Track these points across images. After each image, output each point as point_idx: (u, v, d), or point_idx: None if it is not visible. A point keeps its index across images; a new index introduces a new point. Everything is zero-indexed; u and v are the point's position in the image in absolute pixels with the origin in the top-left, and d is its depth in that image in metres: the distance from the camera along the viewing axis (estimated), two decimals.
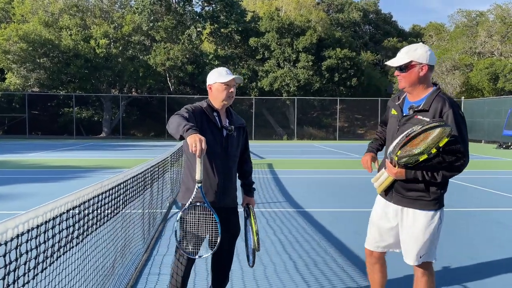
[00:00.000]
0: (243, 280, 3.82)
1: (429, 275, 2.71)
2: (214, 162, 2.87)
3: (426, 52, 2.58)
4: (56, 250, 2.17)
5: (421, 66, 2.57)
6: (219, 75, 2.92)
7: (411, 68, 2.57)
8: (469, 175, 10.95)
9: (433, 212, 2.62)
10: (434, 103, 2.54)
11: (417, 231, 2.63)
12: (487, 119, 26.62)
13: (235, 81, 2.93)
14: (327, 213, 6.64)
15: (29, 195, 7.58)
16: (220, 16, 30.91)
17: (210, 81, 2.95)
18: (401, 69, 2.60)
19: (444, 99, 2.55)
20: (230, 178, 2.99)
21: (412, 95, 2.67)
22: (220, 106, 2.95)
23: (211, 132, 2.85)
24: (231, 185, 3.01)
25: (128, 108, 32.43)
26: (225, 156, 2.92)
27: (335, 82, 30.97)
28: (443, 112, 2.51)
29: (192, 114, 2.80)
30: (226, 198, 2.96)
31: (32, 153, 16.90)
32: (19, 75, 28.53)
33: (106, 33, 28.55)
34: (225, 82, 2.88)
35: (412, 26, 46.52)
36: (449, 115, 2.49)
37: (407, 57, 2.58)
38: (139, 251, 4.28)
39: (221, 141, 2.90)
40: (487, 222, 6.12)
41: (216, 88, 2.92)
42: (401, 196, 2.67)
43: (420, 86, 2.62)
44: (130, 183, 3.73)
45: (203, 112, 2.89)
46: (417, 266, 2.70)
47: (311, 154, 18.31)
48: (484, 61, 31.13)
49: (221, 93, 2.91)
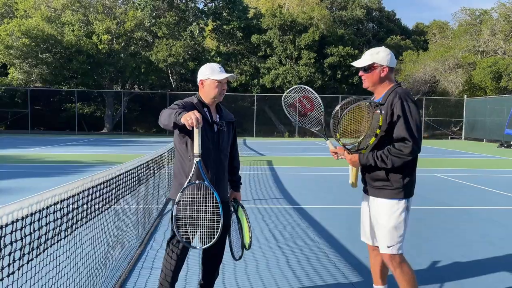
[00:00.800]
0: (235, 275, 3.85)
1: (400, 267, 2.78)
2: (207, 158, 2.89)
3: (387, 55, 2.80)
4: (42, 242, 2.20)
5: (382, 68, 2.80)
6: (213, 71, 2.93)
7: (373, 69, 2.81)
8: (470, 174, 10.95)
9: (396, 200, 2.75)
10: (389, 97, 2.76)
11: (381, 219, 2.79)
12: (489, 118, 26.54)
13: (227, 79, 2.96)
14: (323, 209, 6.66)
15: (29, 190, 7.63)
16: (223, 13, 30.88)
17: (203, 76, 2.96)
18: (365, 70, 2.83)
19: (396, 92, 2.75)
20: (223, 172, 3.03)
21: (376, 94, 2.90)
22: (211, 102, 2.98)
23: (202, 128, 2.83)
24: (224, 179, 3.06)
25: (130, 104, 32.49)
26: (217, 151, 2.96)
27: (337, 80, 30.91)
28: (393, 103, 2.71)
29: (183, 109, 2.80)
30: (219, 193, 2.95)
31: (33, 148, 16.98)
32: (22, 70, 28.62)
33: (108, 29, 28.58)
34: (219, 79, 2.90)
35: (415, 24, 46.28)
36: (397, 105, 2.69)
37: (370, 59, 2.80)
38: (133, 245, 4.31)
39: (212, 137, 2.93)
40: (481, 220, 6.13)
41: (209, 84, 2.93)
42: (370, 187, 2.88)
43: (381, 86, 2.84)
44: (123, 178, 3.76)
45: (193, 107, 2.90)
46: (387, 259, 2.79)
47: (311, 151, 18.32)
48: (487, 60, 30.98)
49: (213, 89, 2.93)
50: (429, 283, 3.70)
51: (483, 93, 31.49)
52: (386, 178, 2.76)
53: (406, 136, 2.65)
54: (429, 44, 38.85)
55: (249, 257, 4.33)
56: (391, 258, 2.78)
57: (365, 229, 3.01)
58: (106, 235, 3.40)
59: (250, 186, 8.60)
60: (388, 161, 2.68)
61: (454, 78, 32.17)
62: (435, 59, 32.77)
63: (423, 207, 6.84)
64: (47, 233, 2.23)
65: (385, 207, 2.77)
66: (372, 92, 2.92)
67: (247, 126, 31.16)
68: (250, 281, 3.72)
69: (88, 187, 2.78)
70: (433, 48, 36.50)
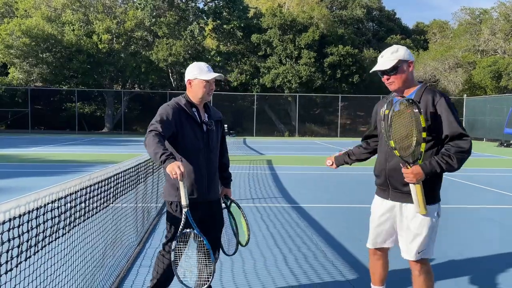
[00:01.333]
0: (233, 273, 3.87)
1: (427, 273, 2.69)
2: (198, 158, 2.91)
3: (407, 50, 2.68)
4: (40, 240, 2.22)
5: (408, 63, 2.64)
6: (200, 71, 2.92)
7: (401, 67, 2.62)
8: (469, 173, 10.96)
9: (430, 206, 2.60)
10: (424, 96, 2.60)
11: (415, 226, 2.61)
12: (489, 117, 26.54)
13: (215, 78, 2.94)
14: (321, 208, 6.68)
15: (29, 189, 7.65)
16: (223, 12, 30.90)
17: (190, 76, 2.93)
18: (389, 72, 2.63)
19: (434, 90, 2.63)
20: (214, 171, 3.04)
21: (401, 94, 2.69)
22: (199, 101, 2.97)
23: (191, 129, 2.88)
24: (215, 178, 3.06)
25: (130, 104, 32.53)
26: (208, 151, 2.96)
27: (337, 79, 30.92)
28: (435, 101, 2.57)
29: (169, 118, 2.77)
30: (212, 192, 3.01)
31: (34, 147, 17.02)
32: (22, 69, 28.66)
33: (108, 29, 28.61)
34: (207, 79, 2.89)
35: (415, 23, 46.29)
36: (442, 103, 2.55)
37: (394, 58, 2.62)
38: (132, 243, 4.34)
39: (202, 137, 2.93)
40: (480, 219, 6.15)
41: (197, 84, 2.92)
42: (398, 192, 2.67)
43: (409, 84, 2.67)
44: (122, 177, 3.79)
45: (181, 109, 2.88)
46: (414, 264, 2.67)
47: (311, 151, 18.34)
48: (487, 59, 30.98)
49: (201, 89, 2.91)
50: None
51: (483, 92, 31.49)
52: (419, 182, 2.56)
53: (463, 131, 2.51)
54: (429, 43, 38.88)
55: (247, 255, 4.35)
56: (421, 264, 2.66)
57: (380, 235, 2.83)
58: (105, 233, 3.42)
59: (250, 185, 8.63)
60: (454, 162, 2.48)
61: (454, 78, 32.18)
62: (435, 58, 32.79)
63: None
64: (44, 231, 2.25)
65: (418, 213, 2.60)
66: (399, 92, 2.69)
67: (247, 126, 31.19)
68: (248, 279, 3.74)
69: (86, 185, 2.80)
70: (433, 48, 36.52)
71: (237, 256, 4.31)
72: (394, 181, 2.68)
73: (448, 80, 32.48)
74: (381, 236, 2.83)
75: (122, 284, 3.57)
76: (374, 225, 2.85)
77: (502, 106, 24.77)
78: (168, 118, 2.79)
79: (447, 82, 32.70)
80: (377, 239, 2.85)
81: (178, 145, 2.87)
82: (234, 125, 31.38)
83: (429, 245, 2.65)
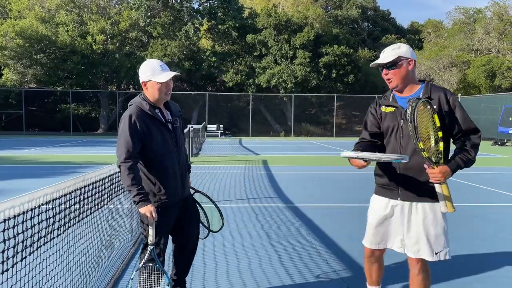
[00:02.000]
0: (227, 272, 3.89)
1: (426, 272, 2.68)
2: (170, 159, 2.86)
3: (409, 49, 2.69)
4: (36, 240, 2.23)
5: (409, 61, 2.65)
6: (153, 72, 2.76)
7: (400, 64, 2.63)
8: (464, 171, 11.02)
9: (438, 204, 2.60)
10: (434, 93, 2.61)
11: (427, 225, 2.59)
12: (483, 116, 26.70)
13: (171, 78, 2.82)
14: (316, 208, 6.71)
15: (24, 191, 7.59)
16: (218, 13, 30.89)
17: (144, 77, 2.80)
18: (390, 67, 2.64)
19: (442, 88, 2.68)
20: (185, 168, 3.05)
21: (405, 92, 2.68)
22: (158, 102, 2.86)
23: (159, 132, 2.81)
24: (187, 175, 3.10)
25: (125, 105, 32.31)
26: (177, 149, 2.94)
27: (332, 79, 31.00)
28: (448, 98, 2.60)
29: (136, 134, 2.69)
30: (186, 188, 3.05)
31: (28, 149, 16.94)
32: (16, 71, 28.51)
33: (103, 29, 28.53)
34: (161, 81, 2.76)
35: (410, 23, 46.48)
36: (455, 99, 2.61)
37: (395, 54, 2.63)
38: (127, 244, 4.34)
39: (170, 137, 2.88)
40: (474, 217, 6.20)
41: (151, 86, 2.78)
42: (410, 191, 2.64)
43: (410, 82, 2.67)
44: (116, 178, 3.79)
45: (145, 114, 2.77)
46: (415, 263, 2.65)
47: (307, 150, 18.38)
48: (481, 58, 31.17)
49: (157, 91, 2.77)
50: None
51: (477, 91, 31.68)
52: (429, 181, 2.54)
53: (476, 126, 2.59)
54: (424, 43, 39.04)
55: (242, 255, 4.37)
56: (422, 263, 2.64)
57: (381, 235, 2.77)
58: (99, 234, 3.43)
59: (245, 186, 8.65)
60: (473, 156, 2.55)
61: (448, 77, 32.35)
62: (430, 58, 32.95)
63: None
64: (40, 232, 2.27)
65: (431, 211, 2.60)
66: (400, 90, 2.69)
67: (242, 126, 31.20)
68: (243, 278, 3.76)
69: (80, 186, 2.81)
70: (427, 47, 36.68)
71: (232, 256, 4.34)
72: (408, 181, 2.62)
73: (442, 79, 32.64)
74: (379, 237, 2.78)
75: (117, 285, 3.58)
76: (375, 225, 2.78)
77: (496, 105, 24.94)
78: (134, 134, 2.69)
79: (442, 82, 32.86)
80: (376, 239, 2.79)
81: (147, 151, 2.78)
82: (229, 125, 31.39)
83: (447, 244, 2.63)
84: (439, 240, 2.60)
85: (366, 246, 2.87)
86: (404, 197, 2.66)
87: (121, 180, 2.73)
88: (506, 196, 7.89)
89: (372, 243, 2.82)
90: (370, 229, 2.82)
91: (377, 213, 2.77)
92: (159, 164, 2.81)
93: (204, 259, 4.24)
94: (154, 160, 2.80)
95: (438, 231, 2.59)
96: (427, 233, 2.59)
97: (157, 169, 2.82)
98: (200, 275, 3.82)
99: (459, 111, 2.59)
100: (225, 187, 8.41)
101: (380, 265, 2.95)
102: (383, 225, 2.75)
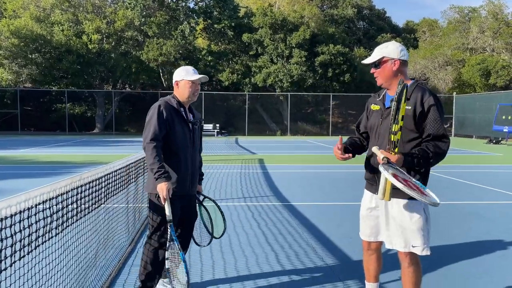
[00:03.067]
0: (225, 271, 3.91)
1: (416, 265, 2.74)
2: (185, 155, 3.16)
3: (397, 48, 2.72)
4: (33, 240, 2.23)
5: (393, 61, 2.70)
6: (187, 73, 3.20)
7: (384, 63, 2.71)
8: (458, 170, 11.11)
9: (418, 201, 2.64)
10: (414, 93, 2.66)
11: (405, 220, 2.67)
12: (478, 114, 26.84)
13: (200, 80, 3.21)
14: (312, 206, 6.74)
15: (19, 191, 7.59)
16: (213, 12, 30.85)
17: (178, 77, 3.21)
18: (375, 66, 2.74)
19: (424, 88, 2.69)
20: (197, 168, 3.33)
21: (391, 90, 2.76)
22: (186, 102, 3.23)
23: (181, 127, 3.14)
24: (197, 175, 3.35)
25: (121, 104, 32.35)
26: (193, 149, 3.24)
27: (328, 78, 31.04)
28: (424, 99, 2.63)
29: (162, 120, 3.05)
30: (194, 187, 3.30)
31: (24, 149, 16.87)
32: (11, 70, 28.35)
33: (98, 29, 28.43)
34: (192, 80, 3.16)
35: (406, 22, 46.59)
36: (430, 101, 2.62)
37: (380, 54, 2.72)
38: (123, 243, 4.35)
39: (189, 135, 3.20)
40: (467, 214, 6.25)
41: (183, 84, 3.19)
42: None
43: (396, 80, 2.70)
44: (112, 177, 3.80)
45: (172, 108, 3.15)
46: (404, 256, 2.71)
47: (303, 149, 18.42)
48: (476, 57, 31.33)
49: (187, 89, 3.18)
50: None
51: (472, 90, 31.83)
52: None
53: (445, 133, 2.61)
54: (419, 41, 39.18)
55: (239, 254, 4.39)
56: (410, 256, 2.71)
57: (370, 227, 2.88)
58: (96, 233, 3.44)
59: (241, 185, 8.66)
60: (429, 162, 2.59)
61: (443, 76, 32.50)
62: (425, 56, 33.08)
63: None
64: (37, 231, 2.27)
65: (409, 208, 2.66)
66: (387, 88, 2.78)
67: (238, 125, 31.20)
68: (240, 277, 3.78)
69: (76, 185, 2.82)
70: (423, 46, 36.82)
71: (229, 255, 4.36)
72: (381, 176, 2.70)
73: (438, 78, 32.79)
74: (369, 229, 2.90)
75: (114, 283, 3.59)
76: (363, 217, 2.93)
77: (491, 103, 25.08)
78: (161, 120, 3.04)
79: (437, 80, 33.02)
80: (366, 231, 2.93)
81: (168, 140, 3.10)
82: (226, 124, 31.37)
83: (426, 239, 2.68)
84: (416, 234, 2.65)
85: (361, 237, 2.99)
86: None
87: (146, 159, 3.04)
88: (502, 194, 7.94)
89: (364, 234, 2.95)
90: (361, 221, 2.97)
91: (364, 205, 2.93)
92: (175, 155, 3.10)
93: (201, 258, 4.25)
94: (172, 150, 3.10)
95: (415, 226, 2.65)
96: (403, 227, 2.67)
97: (173, 159, 3.10)
98: (198, 273, 3.83)
99: (432, 115, 2.61)
100: (221, 186, 8.42)
101: (377, 258, 3.00)
102: (371, 218, 2.87)
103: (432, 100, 2.61)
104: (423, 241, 2.67)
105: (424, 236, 2.68)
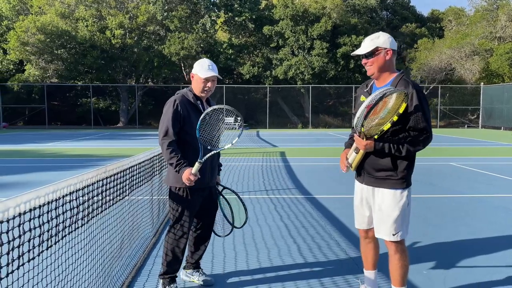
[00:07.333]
0: (247, 263, 3.93)
1: (401, 252, 2.83)
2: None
3: (388, 38, 2.80)
4: (60, 230, 2.29)
5: (386, 51, 2.77)
6: (201, 68, 3.19)
7: (378, 54, 2.77)
8: (486, 162, 10.82)
9: (400, 190, 2.77)
10: (399, 85, 2.72)
11: (386, 209, 2.79)
12: (506, 105, 26.02)
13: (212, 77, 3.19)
14: (335, 199, 6.69)
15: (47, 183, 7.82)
16: (234, 5, 30.79)
17: (194, 70, 3.23)
18: (368, 56, 2.78)
19: (407, 81, 2.75)
20: (216, 160, 3.35)
21: (379, 81, 2.84)
22: (200, 95, 3.25)
23: (197, 120, 3.10)
24: (216, 167, 3.37)
25: (144, 98, 32.78)
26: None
27: (350, 69, 30.62)
28: (409, 92, 2.68)
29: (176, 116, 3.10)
30: (213, 178, 3.33)
31: (51, 142, 17.33)
32: (38, 66, 29.11)
33: (121, 24, 28.80)
34: (203, 77, 3.16)
35: (430, 11, 45.37)
36: (414, 95, 2.68)
37: (373, 44, 2.77)
38: (148, 234, 4.42)
39: None
40: (494, 207, 6.08)
41: (196, 79, 3.22)
42: (371, 177, 2.85)
43: (386, 71, 2.80)
44: (137, 169, 3.85)
45: (188, 102, 3.19)
46: (390, 243, 2.82)
47: (325, 142, 18.28)
48: (505, 46, 30.29)
49: (199, 85, 3.20)
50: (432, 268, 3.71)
51: (500, 80, 30.84)
52: (391, 168, 2.75)
53: (426, 126, 2.67)
54: (445, 31, 38.10)
55: (261, 246, 4.40)
56: (395, 244, 2.81)
57: (362, 217, 3.01)
58: (121, 224, 3.50)
59: (263, 177, 8.67)
60: (404, 150, 2.67)
61: (470, 66, 31.56)
62: (451, 46, 32.16)
63: (435, 196, 6.81)
64: (64, 222, 2.33)
65: (390, 197, 2.78)
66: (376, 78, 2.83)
67: (260, 118, 31.17)
68: (262, 268, 3.79)
69: (102, 177, 2.87)
70: (448, 35, 35.79)
71: (251, 247, 4.38)
72: (367, 167, 2.85)
73: (464, 68, 31.87)
74: (362, 217, 3.01)
75: (139, 274, 3.66)
76: (356, 206, 3.05)
77: None
78: (174, 116, 3.09)
79: (464, 71, 32.11)
80: (358, 219, 3.04)
81: (185, 133, 3.14)
82: (247, 117, 31.39)
83: (402, 226, 2.79)
84: (398, 223, 2.77)
85: (356, 227, 3.10)
86: (367, 182, 2.89)
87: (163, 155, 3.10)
88: None
89: (357, 222, 3.06)
90: (355, 211, 3.09)
91: (356, 195, 3.05)
92: (194, 149, 3.07)
93: (224, 249, 4.29)
94: (191, 143, 3.10)
95: (396, 214, 2.76)
96: (387, 216, 2.78)
97: (192, 152, 3.09)
98: (221, 265, 3.86)
99: (416, 108, 2.67)
100: (243, 179, 8.45)
101: (375, 246, 3.09)
102: (362, 207, 2.99)
103: (415, 93, 2.67)
104: (402, 227, 2.79)
105: (404, 223, 2.80)
